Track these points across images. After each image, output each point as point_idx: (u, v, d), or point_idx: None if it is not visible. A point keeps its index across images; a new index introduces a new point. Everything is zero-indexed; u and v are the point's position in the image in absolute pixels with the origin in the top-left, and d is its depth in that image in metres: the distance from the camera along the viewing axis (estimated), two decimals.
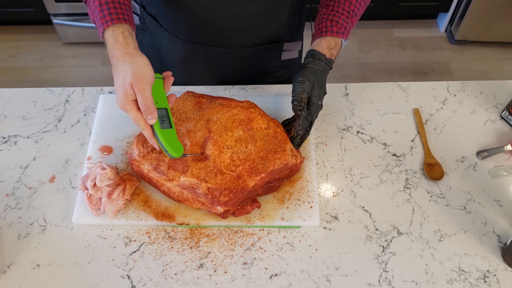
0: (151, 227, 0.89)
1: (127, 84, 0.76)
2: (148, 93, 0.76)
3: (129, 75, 0.76)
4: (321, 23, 0.93)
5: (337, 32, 0.92)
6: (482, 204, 0.93)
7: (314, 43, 0.94)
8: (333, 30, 0.92)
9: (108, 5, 0.81)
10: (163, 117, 0.80)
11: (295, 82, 0.89)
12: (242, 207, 0.87)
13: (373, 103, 1.09)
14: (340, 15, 0.93)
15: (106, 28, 0.80)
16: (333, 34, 0.92)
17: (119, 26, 0.80)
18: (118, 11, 0.81)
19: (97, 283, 0.82)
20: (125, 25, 0.81)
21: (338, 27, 0.92)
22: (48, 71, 2.42)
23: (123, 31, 0.80)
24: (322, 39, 0.92)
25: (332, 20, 0.92)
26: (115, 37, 0.79)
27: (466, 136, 1.04)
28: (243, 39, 1.04)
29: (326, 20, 0.93)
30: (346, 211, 0.92)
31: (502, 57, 2.55)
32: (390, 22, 2.69)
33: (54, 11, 2.31)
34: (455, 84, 1.13)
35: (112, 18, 0.80)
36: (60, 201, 0.92)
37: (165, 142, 0.78)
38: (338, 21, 0.92)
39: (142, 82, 0.76)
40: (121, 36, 0.79)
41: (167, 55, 1.12)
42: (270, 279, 0.83)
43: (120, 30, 0.80)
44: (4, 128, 1.03)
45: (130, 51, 0.78)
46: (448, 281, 0.84)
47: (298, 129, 0.89)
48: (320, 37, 0.93)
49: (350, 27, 0.95)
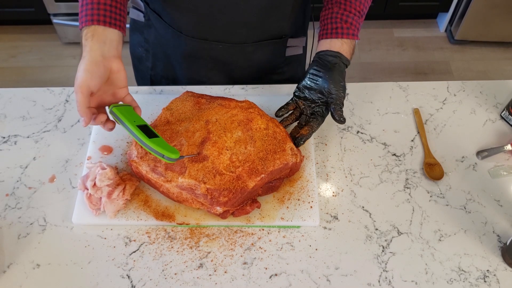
0: (151, 227, 0.89)
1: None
2: (79, 96, 0.77)
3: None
4: (334, 23, 0.94)
5: (353, 34, 0.94)
6: (482, 204, 0.93)
7: (335, 44, 0.93)
8: (349, 33, 0.93)
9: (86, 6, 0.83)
10: (147, 131, 0.82)
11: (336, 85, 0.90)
12: (242, 208, 0.87)
13: (373, 103, 1.09)
14: (353, 15, 0.93)
15: (81, 30, 0.84)
16: (349, 37, 0.93)
17: (85, 28, 0.83)
18: (88, 12, 0.83)
19: (97, 283, 0.82)
20: (92, 26, 0.82)
21: (353, 29, 0.94)
22: (48, 71, 2.42)
23: (86, 33, 0.82)
24: (343, 42, 0.93)
25: (346, 22, 0.93)
26: (81, 41, 0.83)
27: (466, 136, 1.04)
28: (246, 35, 1.03)
29: (341, 21, 0.93)
30: (346, 211, 0.92)
31: (502, 57, 2.55)
32: (390, 22, 2.69)
33: (54, 11, 2.32)
34: (455, 84, 1.13)
35: (82, 21, 0.83)
36: (60, 201, 0.92)
37: (158, 148, 0.79)
38: (352, 22, 0.93)
39: (76, 85, 0.78)
40: (83, 38, 0.82)
41: (172, 52, 1.13)
42: (270, 279, 0.83)
43: (84, 32, 0.83)
44: (4, 128, 1.03)
45: (84, 53, 0.81)
46: (448, 281, 0.84)
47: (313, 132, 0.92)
48: (336, 38, 0.93)
49: (360, 27, 0.96)
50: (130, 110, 0.85)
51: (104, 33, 0.82)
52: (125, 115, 0.82)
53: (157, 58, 1.17)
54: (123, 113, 0.82)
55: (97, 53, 0.80)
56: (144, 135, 0.80)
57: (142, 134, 0.80)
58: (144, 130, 0.81)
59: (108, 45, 0.82)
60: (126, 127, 0.82)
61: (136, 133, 0.80)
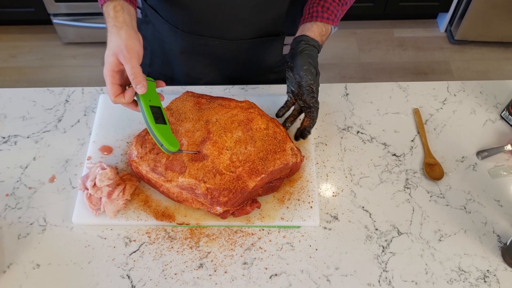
0: (151, 227, 0.89)
1: (111, 54, 0.78)
2: (135, 62, 0.77)
3: (113, 46, 0.78)
4: (311, 8, 0.93)
5: (327, 18, 0.92)
6: (482, 204, 0.93)
7: (305, 27, 0.93)
8: (324, 16, 0.92)
9: None
10: (157, 114, 0.80)
11: (300, 71, 0.88)
12: (242, 208, 0.87)
13: (373, 103, 1.09)
14: (331, 1, 0.93)
15: (102, 5, 0.84)
16: (324, 20, 0.92)
17: (112, 1, 0.82)
18: None
19: (97, 283, 0.82)
20: (118, 0, 0.83)
21: (329, 13, 0.92)
22: (48, 71, 2.42)
23: (114, 5, 0.82)
24: (314, 24, 0.92)
25: (323, 6, 0.92)
26: (108, 12, 0.82)
27: (466, 136, 1.04)
28: (242, 31, 1.03)
29: (317, 6, 0.93)
30: (346, 211, 0.92)
31: (502, 57, 2.55)
32: (390, 22, 2.69)
33: (54, 11, 2.31)
34: (455, 84, 1.13)
35: None
36: (60, 201, 0.92)
37: (160, 136, 0.79)
38: (329, 7, 0.92)
39: (127, 52, 0.77)
40: (112, 11, 0.82)
41: (169, 47, 1.13)
42: (270, 279, 0.83)
43: (112, 5, 0.82)
44: (4, 128, 1.03)
45: (117, 23, 0.80)
46: (448, 281, 0.84)
47: (314, 121, 0.90)
48: (310, 22, 0.92)
49: (340, 15, 0.95)
50: (152, 86, 0.83)
51: (129, 8, 0.83)
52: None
53: (155, 55, 1.17)
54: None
55: (131, 24, 0.81)
56: (152, 118, 0.79)
57: (150, 116, 0.79)
58: (154, 113, 0.80)
59: (134, 20, 0.84)
60: (140, 104, 0.81)
61: (145, 113, 0.79)
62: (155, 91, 0.84)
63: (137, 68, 0.77)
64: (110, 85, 0.79)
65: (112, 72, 0.79)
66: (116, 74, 0.79)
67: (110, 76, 0.79)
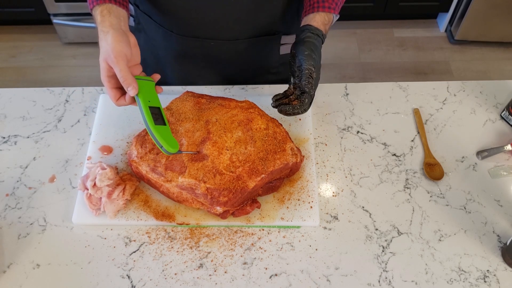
0: (151, 227, 0.89)
1: (102, 60, 0.79)
2: (122, 65, 0.77)
3: (103, 51, 0.79)
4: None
5: (328, 7, 0.93)
6: (482, 204, 0.93)
7: (308, 18, 0.93)
8: (325, 6, 0.93)
9: None
10: (156, 115, 0.80)
11: (301, 56, 0.87)
12: (242, 208, 0.87)
13: (373, 103, 1.09)
14: None
15: (91, 9, 0.85)
16: (325, 10, 0.93)
17: (99, 6, 0.84)
18: None
19: (97, 283, 0.82)
20: (105, 4, 0.84)
21: (329, 2, 0.93)
22: (48, 71, 2.42)
23: (101, 10, 0.83)
24: (316, 14, 0.92)
25: None
26: (95, 18, 0.84)
27: (466, 136, 1.04)
28: (238, 30, 1.03)
29: None
30: (346, 211, 0.92)
31: (502, 57, 2.55)
32: (390, 22, 2.69)
33: (54, 11, 2.31)
34: (455, 84, 1.13)
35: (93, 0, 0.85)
36: (60, 201, 0.92)
37: (160, 137, 0.78)
38: None
39: (113, 56, 0.77)
40: (99, 16, 0.83)
41: (163, 54, 1.12)
42: (270, 279, 0.83)
43: (99, 10, 0.83)
44: (4, 128, 1.03)
45: (104, 28, 0.81)
46: (448, 281, 0.84)
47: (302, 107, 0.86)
48: (312, 12, 0.93)
49: (341, 3, 0.96)
50: (150, 86, 0.83)
51: (117, 10, 0.84)
52: (142, 91, 0.80)
53: (147, 64, 1.16)
54: (142, 88, 0.80)
55: (119, 26, 0.82)
56: (151, 119, 0.79)
57: (150, 117, 0.79)
58: (154, 113, 0.80)
59: (123, 21, 0.84)
60: (139, 105, 0.80)
61: (145, 114, 0.79)
62: (155, 91, 0.84)
63: (125, 71, 0.77)
64: (109, 90, 0.81)
65: (107, 78, 0.80)
66: (112, 79, 0.80)
67: (107, 82, 0.80)
